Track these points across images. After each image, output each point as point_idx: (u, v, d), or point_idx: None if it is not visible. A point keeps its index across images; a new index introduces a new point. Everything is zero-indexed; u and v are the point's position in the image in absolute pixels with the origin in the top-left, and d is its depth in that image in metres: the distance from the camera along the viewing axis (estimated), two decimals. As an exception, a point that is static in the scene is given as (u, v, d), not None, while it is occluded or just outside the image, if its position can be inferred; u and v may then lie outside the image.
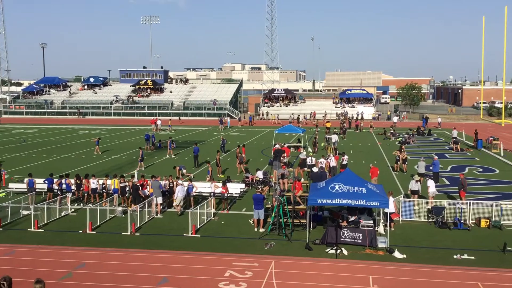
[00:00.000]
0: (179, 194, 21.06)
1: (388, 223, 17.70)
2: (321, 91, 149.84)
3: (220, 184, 22.46)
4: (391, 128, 53.06)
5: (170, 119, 64.95)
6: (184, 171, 28.25)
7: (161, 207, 21.22)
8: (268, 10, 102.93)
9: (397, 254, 15.90)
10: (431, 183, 22.05)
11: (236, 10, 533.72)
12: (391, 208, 18.48)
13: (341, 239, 16.79)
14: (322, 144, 42.37)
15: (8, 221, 19.78)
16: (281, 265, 15.06)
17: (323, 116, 73.06)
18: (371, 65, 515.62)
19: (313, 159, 28.73)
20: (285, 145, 35.53)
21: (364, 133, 55.77)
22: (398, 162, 30.74)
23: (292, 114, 74.31)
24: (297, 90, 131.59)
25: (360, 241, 16.76)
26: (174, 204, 21.21)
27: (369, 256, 15.89)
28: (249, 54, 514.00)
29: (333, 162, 28.40)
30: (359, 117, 69.62)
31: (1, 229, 18.89)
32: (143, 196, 21.58)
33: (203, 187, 23.64)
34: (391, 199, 18.75)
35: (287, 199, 19.07)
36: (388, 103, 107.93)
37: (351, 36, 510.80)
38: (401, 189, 25.05)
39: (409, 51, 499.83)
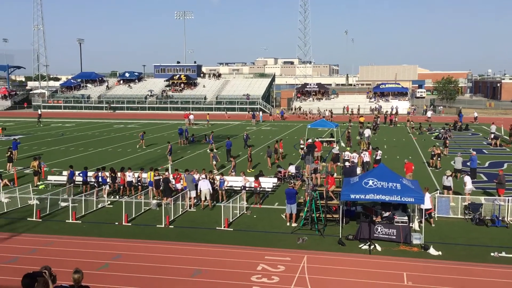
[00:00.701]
0: (202, 188, 21.18)
1: (423, 219, 17.39)
2: (354, 85, 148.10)
3: (249, 178, 22.52)
4: (409, 121, 51.84)
5: (208, 113, 65.54)
6: (215, 162, 28.64)
7: (194, 201, 21.45)
8: (301, 4, 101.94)
9: (432, 251, 15.62)
10: (468, 180, 21.54)
11: (269, 4, 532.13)
12: (427, 204, 18.17)
13: (374, 235, 16.60)
14: (357, 138, 41.95)
15: (47, 212, 20.39)
16: (313, 259, 15.02)
17: (358, 111, 72.22)
18: (406, 58, 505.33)
19: (349, 153, 28.42)
20: (318, 140, 35.28)
21: (399, 128, 54.85)
22: (434, 158, 30.15)
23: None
24: (330, 85, 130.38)
25: (394, 237, 16.54)
26: (202, 200, 21.33)
27: (404, 253, 15.67)
28: (281, 49, 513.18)
29: (366, 157, 28.08)
30: (394, 112, 68.49)
31: (41, 220, 19.50)
32: (173, 189, 21.86)
33: (235, 181, 23.76)
34: (427, 195, 18.44)
35: (319, 194, 18.98)
36: (424, 98, 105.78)
37: (386, 29, 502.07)
38: (437, 185, 24.56)
39: (446, 44, 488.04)
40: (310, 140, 33.13)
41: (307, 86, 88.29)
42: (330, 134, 43.52)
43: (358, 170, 26.31)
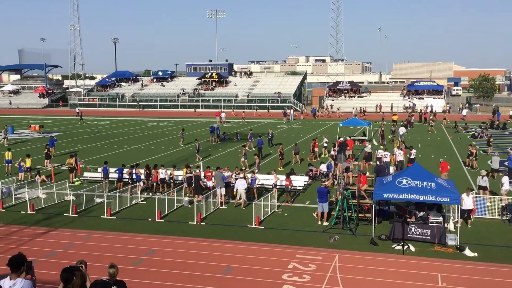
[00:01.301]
0: (238, 187, 21.25)
1: (459, 220, 17.02)
2: (387, 83, 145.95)
3: (280, 176, 22.48)
4: (446, 119, 50.60)
5: (243, 112, 65.91)
6: (243, 159, 28.83)
7: (225, 199, 21.56)
8: (333, 1, 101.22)
9: (467, 252, 15.26)
10: (505, 180, 20.95)
11: (300, 2, 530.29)
12: (469, 205, 17.81)
13: (408, 235, 16.34)
14: (389, 137, 41.39)
15: (83, 208, 20.87)
16: (345, 259, 14.90)
17: (391, 109, 71.19)
18: (442, 55, 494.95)
19: (381, 151, 28.04)
20: (349, 138, 34.95)
21: (434, 127, 53.76)
22: (470, 157, 29.44)
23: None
24: (363, 82, 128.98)
25: (429, 237, 16.24)
26: (236, 199, 21.38)
27: (438, 254, 15.37)
28: (313, 46, 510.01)
29: (400, 156, 27.63)
30: (428, 110, 67.23)
31: (77, 215, 19.98)
32: (204, 186, 22.03)
33: (266, 179, 23.76)
34: (470, 196, 18.05)
35: (351, 192, 18.80)
36: (459, 95, 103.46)
37: (420, 25, 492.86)
38: (473, 185, 23.97)
39: (483, 41, 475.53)
40: (341, 139, 32.86)
41: (339, 84, 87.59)
42: (363, 132, 43.07)
43: (391, 169, 25.95)
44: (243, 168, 27.38)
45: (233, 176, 22.70)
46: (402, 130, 39.45)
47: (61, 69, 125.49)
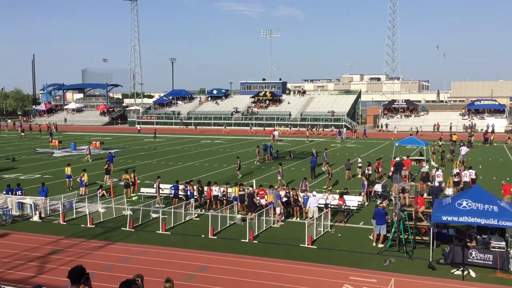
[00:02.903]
0: (311, 205, 21.03)
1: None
2: (446, 102, 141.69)
3: (336, 196, 22.18)
4: (510, 139, 48.34)
5: (307, 130, 65.88)
6: (279, 177, 28.67)
7: (279, 217, 21.48)
8: (389, 19, 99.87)
9: (534, 280, 14.39)
10: None
11: (355, 20, 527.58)
12: None
13: (468, 260, 15.63)
14: (448, 156, 40.03)
15: (140, 223, 21.41)
16: (401, 283, 14.42)
17: (450, 129, 69.00)
18: (504, 73, 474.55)
19: (435, 171, 27.19)
20: (406, 158, 34.01)
21: (495, 147, 51.56)
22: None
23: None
24: (420, 101, 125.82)
25: (490, 263, 15.47)
26: (309, 216, 21.06)
27: (500, 280, 14.60)
28: (368, 65, 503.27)
29: (466, 177, 26.60)
30: (490, 130, 64.64)
31: (133, 230, 20.51)
32: (258, 204, 22.05)
33: (320, 198, 23.45)
34: None
35: (408, 214, 18.24)
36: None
37: (480, 42, 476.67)
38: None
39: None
40: (397, 159, 32.07)
41: (395, 103, 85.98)
42: (419, 152, 41.90)
43: (450, 191, 25.06)
44: (285, 185, 27.10)
45: (285, 194, 22.61)
46: (464, 149, 38.17)
47: (121, 88, 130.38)
